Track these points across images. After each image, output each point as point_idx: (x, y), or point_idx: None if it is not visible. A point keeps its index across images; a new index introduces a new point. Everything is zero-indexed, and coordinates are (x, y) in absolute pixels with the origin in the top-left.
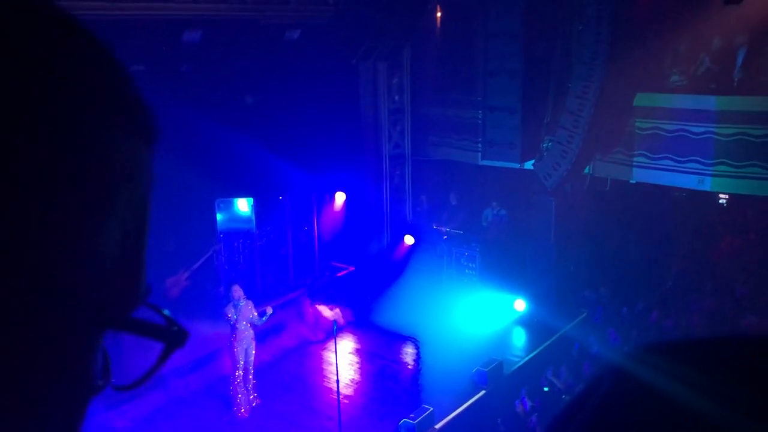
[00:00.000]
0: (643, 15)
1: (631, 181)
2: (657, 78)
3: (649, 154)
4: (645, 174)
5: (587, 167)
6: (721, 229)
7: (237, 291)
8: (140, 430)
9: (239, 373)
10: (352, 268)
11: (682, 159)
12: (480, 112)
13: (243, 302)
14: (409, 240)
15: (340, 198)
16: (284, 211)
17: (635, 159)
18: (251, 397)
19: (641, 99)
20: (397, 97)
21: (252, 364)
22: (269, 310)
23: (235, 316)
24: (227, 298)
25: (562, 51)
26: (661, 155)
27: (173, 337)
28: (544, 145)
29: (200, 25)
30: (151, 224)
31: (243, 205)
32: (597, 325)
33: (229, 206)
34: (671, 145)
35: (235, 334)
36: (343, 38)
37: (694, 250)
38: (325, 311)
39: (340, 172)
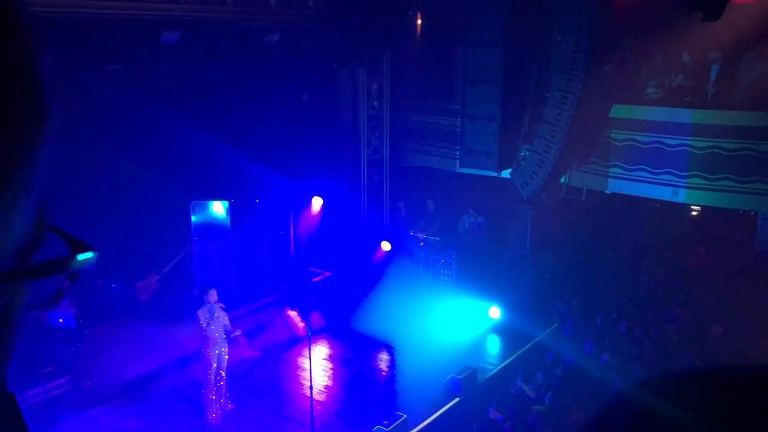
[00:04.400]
0: (621, 28)
1: (606, 192)
2: (633, 90)
3: (624, 165)
4: (620, 185)
5: (563, 177)
6: (693, 241)
7: (212, 295)
8: None
9: (212, 377)
10: (328, 274)
11: (657, 171)
12: (459, 119)
13: (218, 309)
14: (385, 246)
15: (317, 203)
16: (260, 214)
17: (611, 170)
18: (223, 401)
19: (618, 110)
20: (376, 103)
21: (225, 368)
22: (237, 332)
23: (208, 320)
24: (200, 302)
25: (541, 61)
26: (636, 166)
27: (80, 255)
28: (522, 154)
29: (179, 25)
30: (124, 225)
31: (218, 208)
32: (568, 336)
33: (205, 209)
34: (646, 156)
35: (208, 339)
36: (323, 43)
37: (667, 261)
38: (297, 319)
39: (318, 176)
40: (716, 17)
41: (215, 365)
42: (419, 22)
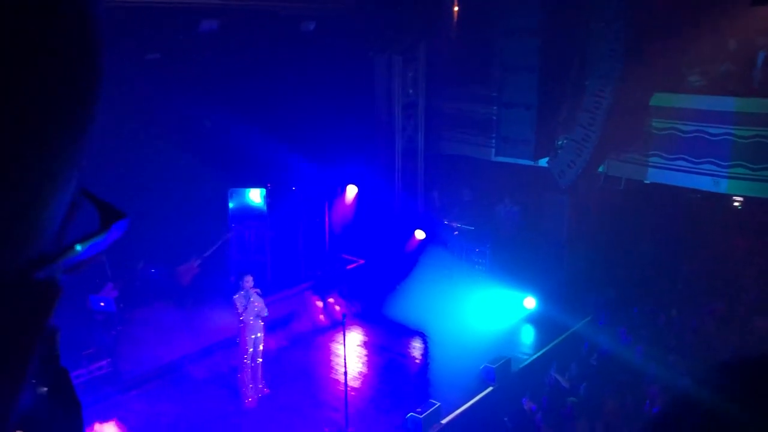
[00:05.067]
0: (663, 14)
1: (646, 181)
2: (675, 78)
3: (664, 155)
4: (660, 174)
5: (601, 166)
6: (733, 232)
7: (249, 281)
8: (148, 417)
9: (247, 362)
10: (362, 261)
11: (698, 160)
12: (495, 107)
13: (253, 294)
14: (420, 235)
15: (351, 191)
16: (296, 202)
17: (650, 159)
18: (259, 386)
19: (658, 99)
20: (411, 91)
21: (260, 353)
22: (265, 311)
23: (244, 306)
24: (237, 287)
25: (580, 48)
26: (676, 156)
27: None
28: (559, 142)
29: (218, 14)
30: (164, 212)
31: (255, 196)
32: (604, 326)
33: (242, 196)
34: (687, 145)
35: (244, 324)
36: (359, 31)
37: (707, 252)
38: (331, 306)
39: (353, 164)
40: (766, 1)
41: (251, 350)
42: (456, 9)
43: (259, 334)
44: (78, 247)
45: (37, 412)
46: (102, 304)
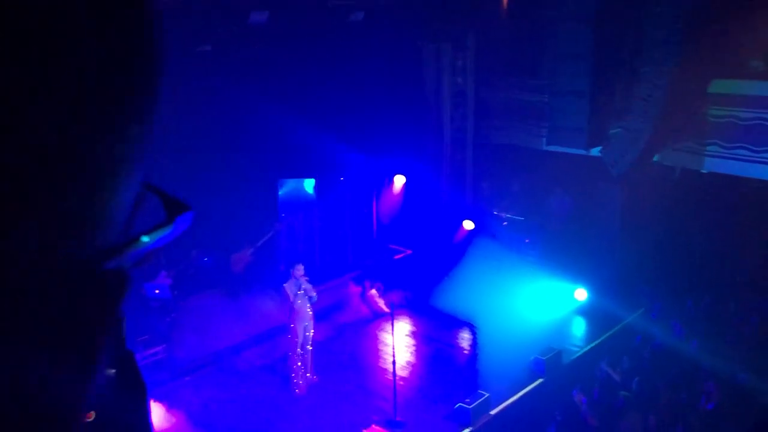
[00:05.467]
0: None
1: (702, 171)
2: (735, 63)
3: (722, 143)
4: (717, 164)
5: (656, 155)
6: None
7: (299, 269)
8: (199, 403)
9: (298, 350)
10: (409, 252)
11: (759, 149)
12: (546, 95)
13: (304, 282)
14: (468, 225)
15: (399, 181)
16: (344, 192)
17: (707, 148)
18: (309, 374)
19: (717, 85)
20: (460, 80)
21: (310, 342)
22: (314, 297)
23: (295, 294)
24: (287, 276)
25: (634, 34)
26: (735, 144)
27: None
28: (612, 131)
29: (267, 6)
30: (216, 201)
31: (304, 186)
32: (657, 319)
33: (291, 186)
34: (747, 134)
35: (294, 312)
36: (407, 20)
37: (766, 244)
38: (379, 296)
39: (401, 154)
40: None
41: (301, 338)
42: None
43: (308, 323)
44: (145, 239)
45: (105, 392)
46: (157, 291)
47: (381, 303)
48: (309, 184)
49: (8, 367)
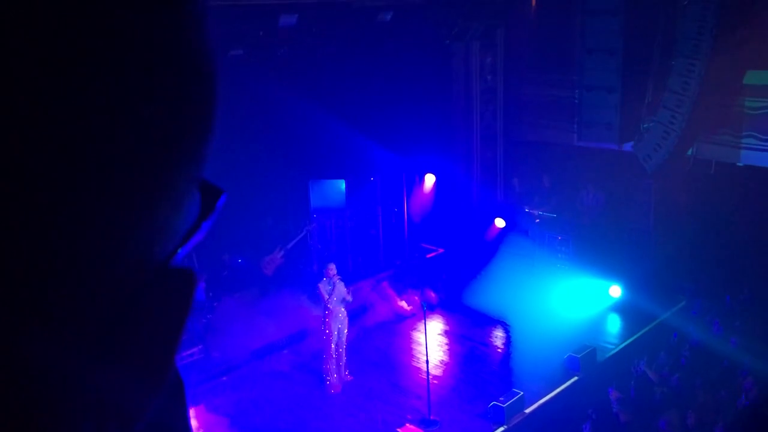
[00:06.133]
0: None
1: (739, 164)
2: None
3: (759, 136)
4: (754, 156)
5: (690, 149)
6: None
7: (332, 269)
8: (235, 403)
9: (332, 348)
10: (441, 250)
11: None
12: (576, 91)
13: (337, 281)
14: (500, 223)
15: (429, 180)
16: (375, 192)
17: (743, 141)
18: (343, 373)
19: (752, 77)
20: (489, 77)
21: (344, 340)
22: (349, 298)
23: (329, 293)
24: (320, 276)
25: (665, 27)
26: None
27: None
28: (645, 125)
29: (296, 8)
30: (247, 204)
31: (335, 187)
32: (693, 317)
33: (322, 187)
34: None
35: (329, 312)
36: (435, 19)
37: None
38: (412, 295)
39: (431, 153)
40: None
41: (335, 337)
42: None
43: (343, 322)
44: (197, 231)
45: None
46: None
47: (414, 301)
48: (340, 186)
49: (93, 375)
